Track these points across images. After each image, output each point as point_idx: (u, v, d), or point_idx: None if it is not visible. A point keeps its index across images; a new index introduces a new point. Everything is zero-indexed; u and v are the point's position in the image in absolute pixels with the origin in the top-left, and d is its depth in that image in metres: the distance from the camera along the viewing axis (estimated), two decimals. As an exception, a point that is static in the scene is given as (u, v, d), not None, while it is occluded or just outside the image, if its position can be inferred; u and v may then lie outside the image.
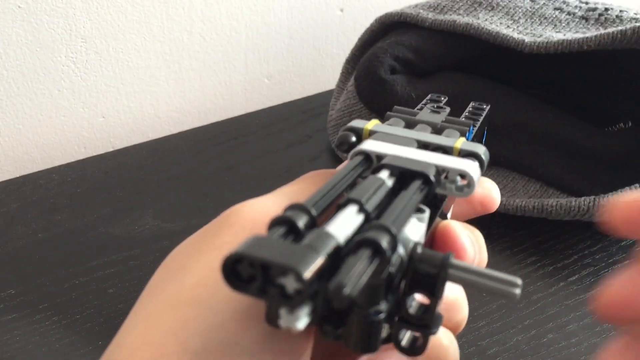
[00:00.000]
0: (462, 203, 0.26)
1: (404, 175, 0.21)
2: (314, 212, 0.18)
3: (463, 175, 0.22)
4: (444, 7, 0.58)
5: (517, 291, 0.18)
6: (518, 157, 0.53)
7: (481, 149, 0.23)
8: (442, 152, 0.23)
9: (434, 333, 0.19)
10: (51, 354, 0.40)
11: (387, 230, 0.17)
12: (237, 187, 0.56)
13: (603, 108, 0.59)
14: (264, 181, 0.57)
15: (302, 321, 0.16)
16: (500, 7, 0.57)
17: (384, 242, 0.16)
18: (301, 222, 0.17)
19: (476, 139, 0.27)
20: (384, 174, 0.21)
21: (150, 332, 0.19)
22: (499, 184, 0.52)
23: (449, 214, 0.25)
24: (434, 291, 0.19)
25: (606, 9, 0.55)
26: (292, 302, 0.15)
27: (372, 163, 0.23)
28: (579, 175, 0.51)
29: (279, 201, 0.22)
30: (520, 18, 0.56)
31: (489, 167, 0.50)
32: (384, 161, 0.22)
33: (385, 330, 0.19)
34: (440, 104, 0.29)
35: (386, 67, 0.55)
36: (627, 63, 0.54)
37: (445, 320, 0.21)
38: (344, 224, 0.17)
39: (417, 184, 0.21)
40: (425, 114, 0.27)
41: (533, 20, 0.56)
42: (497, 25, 0.54)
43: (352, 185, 0.21)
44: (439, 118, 0.27)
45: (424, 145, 0.24)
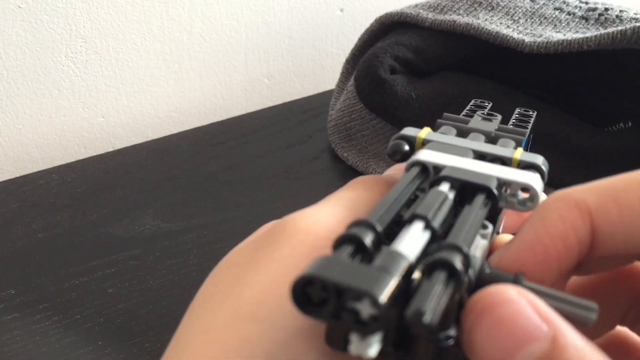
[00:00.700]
0: (511, 215, 0.24)
1: (465, 188, 0.20)
2: (379, 228, 0.17)
3: (526, 189, 0.21)
4: (444, 7, 0.58)
5: (594, 316, 0.17)
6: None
7: (540, 160, 0.22)
8: (500, 163, 0.22)
9: None
10: (51, 354, 0.40)
11: (459, 250, 0.16)
12: (237, 187, 0.56)
13: (603, 108, 0.59)
14: (264, 181, 0.57)
15: (374, 348, 0.15)
16: (500, 7, 0.57)
17: (458, 263, 0.15)
18: (368, 239, 0.16)
19: (525, 146, 0.26)
20: (444, 187, 0.20)
21: (210, 349, 0.18)
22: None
23: (500, 229, 0.24)
24: None
25: (606, 9, 0.55)
26: (366, 328, 0.14)
27: (430, 174, 0.21)
28: (579, 175, 0.51)
29: (335, 210, 0.21)
30: (520, 18, 0.56)
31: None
32: (443, 173, 0.21)
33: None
34: (487, 109, 0.28)
35: (386, 67, 0.55)
36: (627, 63, 0.54)
37: None
38: (412, 243, 0.17)
39: (481, 199, 0.20)
40: (477, 122, 0.26)
41: (533, 20, 0.56)
42: (497, 25, 0.54)
43: (411, 199, 0.20)
44: (492, 126, 0.25)
45: (480, 156, 0.23)
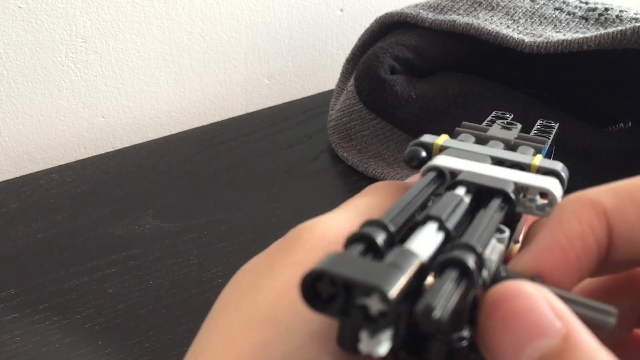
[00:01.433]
0: (530, 221, 0.24)
1: (481, 192, 0.20)
2: (392, 228, 0.17)
3: (544, 194, 0.21)
4: (444, 7, 0.58)
5: (613, 320, 0.17)
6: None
7: (559, 166, 0.22)
8: (518, 169, 0.22)
9: None
10: (51, 354, 0.40)
11: (472, 249, 0.16)
12: (237, 187, 0.56)
13: (603, 108, 0.59)
14: (264, 181, 0.57)
15: (384, 346, 0.15)
16: (500, 7, 0.57)
17: (471, 262, 0.15)
18: (380, 238, 0.16)
19: (546, 157, 0.26)
20: (460, 191, 0.20)
21: (226, 354, 0.18)
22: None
23: (520, 238, 0.24)
24: None
25: (606, 9, 0.55)
26: (375, 324, 0.14)
27: (446, 179, 0.21)
28: (579, 175, 0.51)
29: (350, 217, 0.21)
30: (520, 18, 0.56)
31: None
32: (459, 177, 0.21)
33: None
34: (508, 120, 0.28)
35: (386, 67, 0.55)
36: (627, 63, 0.54)
37: None
38: (425, 242, 0.17)
39: (497, 202, 0.19)
40: (496, 130, 0.26)
41: (533, 20, 0.56)
42: (497, 25, 0.54)
43: (425, 204, 0.20)
44: (512, 134, 0.25)
45: (499, 162, 0.22)
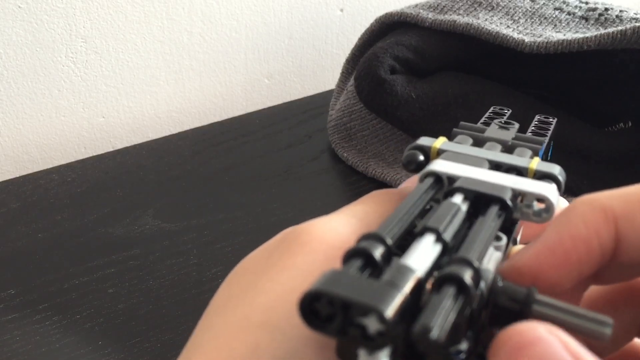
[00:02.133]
0: (531, 226, 0.24)
1: (479, 199, 0.20)
2: (389, 241, 0.17)
3: (541, 200, 0.21)
4: (444, 7, 0.58)
5: (608, 331, 0.17)
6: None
7: (557, 170, 0.22)
8: (516, 173, 0.22)
9: None
10: (51, 354, 0.40)
11: (469, 264, 0.16)
12: (237, 187, 0.56)
13: (603, 108, 0.59)
14: (264, 181, 0.57)
15: None
16: (500, 7, 0.57)
17: (467, 277, 0.15)
18: (377, 253, 0.16)
19: (544, 155, 0.26)
20: (457, 198, 0.20)
21: (218, 355, 0.18)
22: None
23: (518, 238, 0.24)
24: None
25: (606, 9, 0.55)
26: (373, 344, 0.14)
27: (444, 185, 0.21)
28: (579, 175, 0.51)
29: (349, 221, 0.21)
30: (520, 18, 0.56)
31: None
32: (457, 184, 0.20)
33: None
34: (506, 118, 0.28)
35: (386, 67, 0.55)
36: (627, 63, 0.54)
37: None
38: (422, 256, 0.17)
39: (494, 210, 0.19)
40: (493, 131, 0.26)
41: (533, 20, 0.56)
42: (497, 25, 0.54)
43: (425, 211, 0.20)
44: (509, 135, 0.25)
45: (496, 166, 0.22)
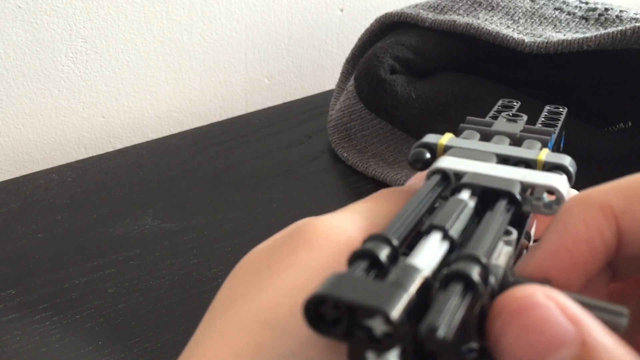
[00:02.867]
0: (543, 219, 0.23)
1: (487, 194, 0.20)
2: (395, 242, 0.16)
3: (551, 191, 0.20)
4: (444, 7, 0.58)
5: (624, 321, 0.16)
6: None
7: (567, 160, 0.22)
8: (524, 165, 0.22)
9: None
10: (51, 354, 0.40)
11: (476, 260, 0.16)
12: (237, 187, 0.56)
13: (603, 108, 0.59)
14: (264, 181, 0.57)
15: None
16: (500, 7, 0.57)
17: (475, 274, 0.15)
18: (383, 254, 0.16)
19: (555, 146, 0.25)
20: (465, 194, 0.19)
21: (222, 352, 0.18)
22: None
23: (532, 231, 0.23)
24: None
25: (606, 9, 0.55)
26: (381, 346, 0.14)
27: (451, 182, 0.21)
28: (579, 175, 0.51)
29: (355, 219, 0.21)
30: (520, 18, 0.56)
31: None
32: (463, 180, 0.20)
33: None
34: (514, 110, 0.27)
35: (386, 67, 0.55)
36: (627, 63, 0.54)
37: None
38: (429, 254, 0.16)
39: (502, 204, 0.19)
40: (501, 124, 0.25)
41: (533, 21, 0.56)
42: (497, 25, 0.54)
43: (432, 208, 0.19)
44: (517, 127, 0.25)
45: (504, 159, 0.22)
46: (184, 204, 0.54)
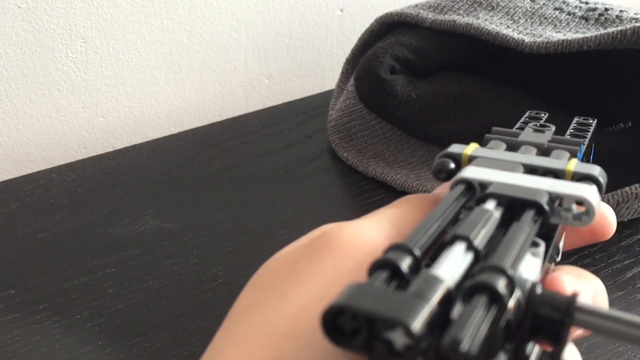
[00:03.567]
0: (566, 231, 0.23)
1: (513, 205, 0.19)
2: (417, 252, 0.16)
3: (580, 202, 0.20)
4: (444, 7, 0.58)
5: None
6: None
7: (597, 170, 0.21)
8: (552, 176, 0.21)
9: None
10: (51, 354, 0.40)
11: (502, 272, 0.15)
12: (237, 187, 0.56)
13: (603, 108, 0.59)
14: (264, 181, 0.57)
15: None
16: (500, 7, 0.57)
17: (501, 286, 0.14)
18: (405, 264, 0.15)
19: (585, 157, 0.25)
20: (490, 205, 0.19)
21: None
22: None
23: (560, 244, 0.22)
24: (558, 338, 0.16)
25: (606, 9, 0.55)
26: (401, 359, 0.14)
27: (476, 192, 0.20)
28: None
29: (380, 226, 0.21)
30: (520, 18, 0.56)
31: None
32: (489, 190, 0.20)
33: None
34: (542, 121, 0.27)
35: (386, 67, 0.55)
36: (627, 63, 0.54)
37: None
38: (452, 265, 0.16)
39: (529, 215, 0.18)
40: (528, 134, 0.25)
41: (533, 21, 0.56)
42: (497, 25, 0.54)
43: (456, 219, 0.19)
44: (545, 138, 0.24)
45: (531, 170, 0.21)
46: (184, 204, 0.54)
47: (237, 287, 0.22)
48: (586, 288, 0.20)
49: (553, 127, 0.26)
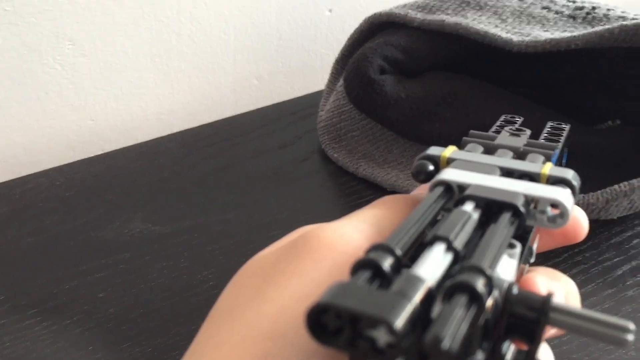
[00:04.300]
0: (540, 233, 0.23)
1: (490, 207, 0.20)
2: (398, 252, 0.16)
3: (555, 205, 0.20)
4: (432, 7, 0.58)
5: (629, 337, 0.16)
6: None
7: (570, 174, 0.22)
8: (528, 179, 0.22)
9: None
10: (42, 359, 0.39)
11: (481, 272, 0.15)
12: (227, 189, 0.56)
13: (591, 106, 0.59)
14: (254, 182, 0.57)
15: None
16: (488, 7, 0.57)
17: (480, 285, 0.15)
18: (386, 264, 0.16)
19: (557, 162, 0.25)
20: (468, 207, 0.19)
21: None
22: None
23: (534, 246, 0.23)
24: (533, 337, 0.17)
25: (593, 8, 0.55)
26: (384, 357, 0.14)
27: (454, 194, 0.21)
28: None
29: (360, 227, 0.21)
30: (508, 17, 0.56)
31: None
32: (467, 192, 0.20)
33: None
34: (517, 125, 0.27)
35: (375, 67, 0.55)
36: (615, 61, 0.54)
37: None
38: (433, 265, 0.16)
39: (506, 217, 0.19)
40: (504, 138, 0.25)
41: (521, 20, 0.56)
42: (486, 25, 0.54)
43: (435, 220, 0.19)
44: (520, 142, 0.25)
45: (507, 172, 0.22)
46: (174, 206, 0.54)
47: (228, 291, 0.21)
48: (559, 289, 0.21)
49: (528, 132, 0.26)
